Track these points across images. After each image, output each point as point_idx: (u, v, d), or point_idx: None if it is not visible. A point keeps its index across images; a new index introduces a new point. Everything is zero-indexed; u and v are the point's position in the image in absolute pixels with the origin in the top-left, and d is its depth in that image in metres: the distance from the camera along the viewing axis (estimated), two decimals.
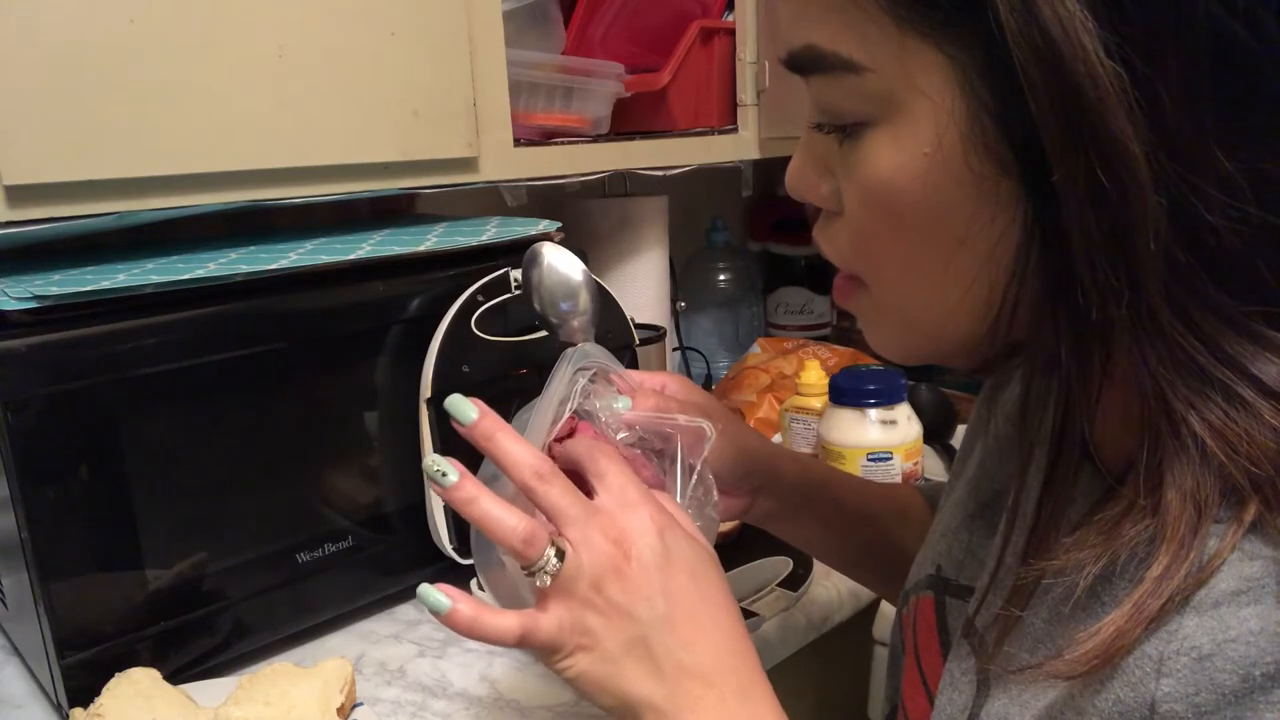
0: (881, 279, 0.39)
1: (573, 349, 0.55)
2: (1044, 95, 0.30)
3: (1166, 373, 0.32)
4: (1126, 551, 0.34)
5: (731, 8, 1.13)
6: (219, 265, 0.68)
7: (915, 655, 0.50)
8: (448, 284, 0.79)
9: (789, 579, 0.75)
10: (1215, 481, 0.32)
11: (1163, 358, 0.32)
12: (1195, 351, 0.32)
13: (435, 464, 0.44)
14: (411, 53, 0.79)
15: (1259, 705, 0.29)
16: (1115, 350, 0.32)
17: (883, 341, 0.42)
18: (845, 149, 0.37)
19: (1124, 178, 0.30)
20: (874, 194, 0.36)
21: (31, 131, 0.61)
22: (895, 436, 0.94)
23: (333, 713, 0.62)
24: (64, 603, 0.62)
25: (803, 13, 0.36)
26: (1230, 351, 0.32)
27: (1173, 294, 0.31)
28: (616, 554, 0.43)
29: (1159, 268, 0.31)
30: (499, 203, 1.01)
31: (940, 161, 0.34)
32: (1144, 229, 0.30)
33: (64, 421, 0.61)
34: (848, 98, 0.35)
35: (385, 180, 0.80)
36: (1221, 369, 0.32)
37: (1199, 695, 0.30)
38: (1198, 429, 0.32)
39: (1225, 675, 0.30)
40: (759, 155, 1.16)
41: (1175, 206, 0.31)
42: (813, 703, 0.91)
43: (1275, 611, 0.30)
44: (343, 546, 0.76)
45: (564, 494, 0.45)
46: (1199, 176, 0.30)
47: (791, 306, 1.55)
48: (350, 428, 0.77)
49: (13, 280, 0.63)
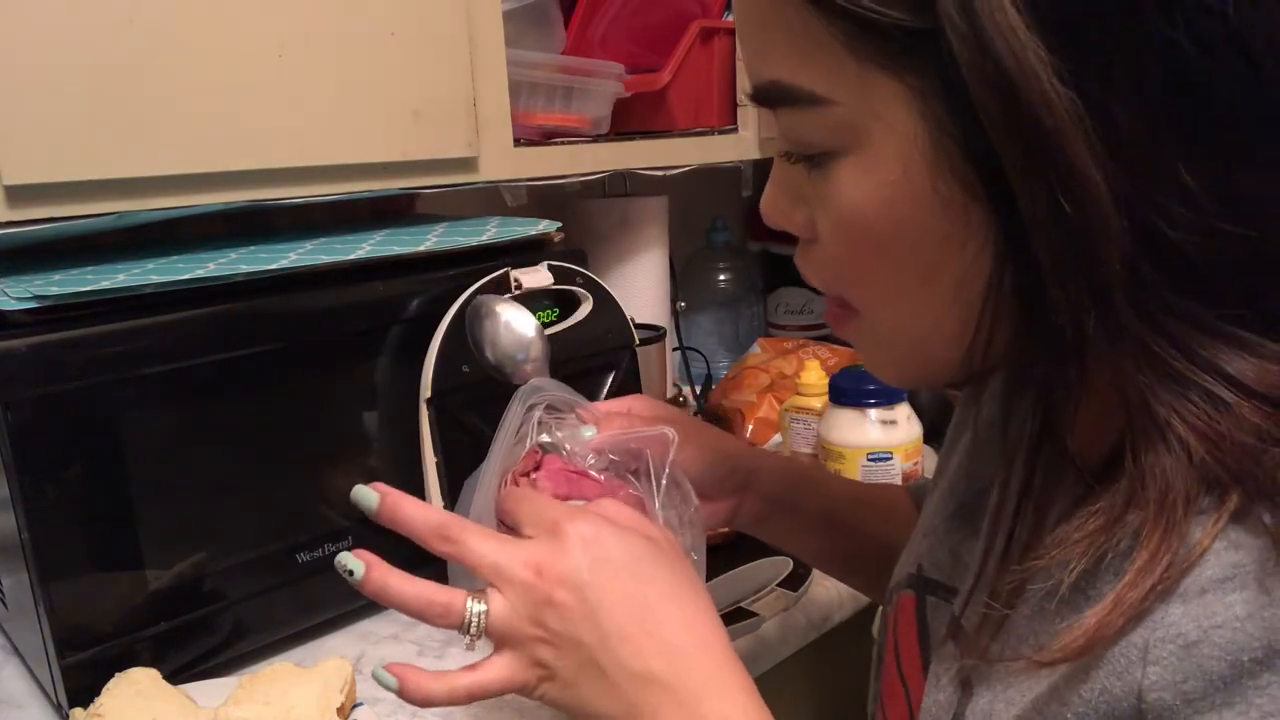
0: (865, 304, 0.40)
1: (525, 386, 0.55)
2: (1000, 123, 0.30)
3: (1146, 380, 0.32)
4: (1111, 548, 0.34)
5: (731, 8, 1.13)
6: (219, 265, 0.68)
7: (895, 653, 0.50)
8: (448, 284, 0.79)
9: (789, 579, 0.75)
10: (1198, 477, 0.32)
11: (1141, 367, 0.32)
12: (1172, 358, 0.32)
13: (343, 562, 0.45)
14: (411, 53, 0.79)
15: (1248, 691, 0.29)
16: (1091, 364, 0.33)
17: (877, 365, 0.43)
18: (815, 178, 0.37)
19: (1085, 201, 0.30)
20: (846, 222, 0.37)
21: (31, 131, 0.61)
22: (895, 437, 0.94)
23: (333, 713, 0.62)
24: (64, 603, 0.62)
25: (765, 49, 0.36)
26: (1206, 355, 0.32)
27: (1144, 307, 0.32)
28: (542, 584, 0.43)
29: (1128, 284, 0.31)
30: (499, 203, 1.01)
31: (907, 189, 0.34)
32: (1109, 249, 0.31)
33: (64, 421, 0.61)
34: (814, 129, 0.36)
35: (385, 180, 0.80)
36: (1199, 373, 0.32)
37: (1187, 683, 0.30)
38: (1181, 431, 0.32)
39: (1213, 662, 0.30)
40: (759, 155, 1.16)
41: (1139, 225, 0.31)
42: (813, 703, 0.91)
43: (1261, 596, 0.30)
44: (343, 546, 0.76)
45: (477, 543, 0.45)
46: (1161, 195, 0.31)
47: (791, 306, 1.55)
48: (350, 428, 0.77)
49: (13, 280, 0.63)
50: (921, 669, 0.47)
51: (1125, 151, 0.30)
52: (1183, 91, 0.30)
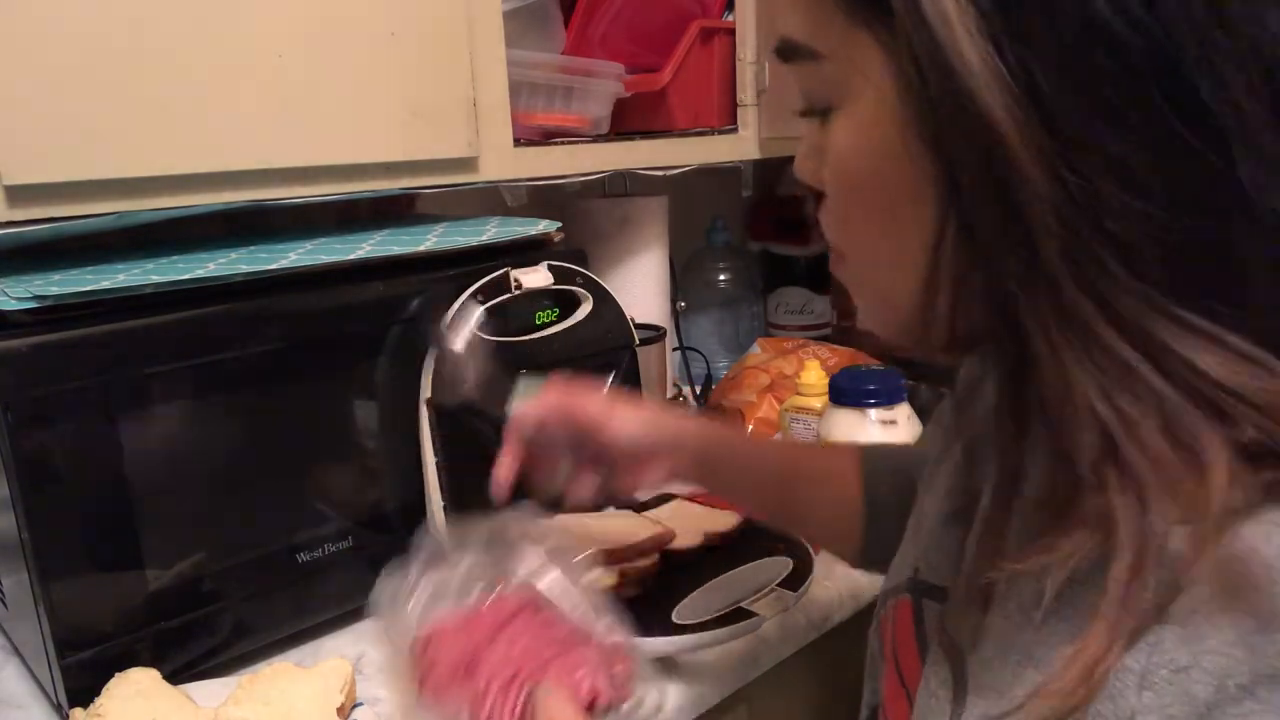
0: (847, 250, 0.42)
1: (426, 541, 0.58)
2: (930, 76, 0.32)
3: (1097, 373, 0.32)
4: (1082, 554, 0.33)
5: (731, 8, 1.13)
6: (219, 265, 0.68)
7: (895, 659, 0.50)
8: (448, 284, 0.79)
9: (789, 579, 0.75)
10: (1162, 481, 0.31)
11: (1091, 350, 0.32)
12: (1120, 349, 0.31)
13: None
14: (411, 53, 0.79)
15: (1228, 717, 0.29)
16: (1033, 339, 0.33)
17: (862, 313, 0.44)
18: (824, 132, 0.39)
19: (1004, 157, 0.31)
20: (834, 171, 0.39)
21: (31, 131, 0.62)
22: (895, 436, 0.94)
23: (333, 713, 0.62)
24: (64, 603, 0.62)
25: (781, 6, 0.39)
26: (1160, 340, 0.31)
27: (1088, 283, 0.31)
28: None
29: (1064, 256, 0.31)
30: (499, 203, 1.01)
31: (881, 142, 0.36)
32: (1034, 214, 0.31)
33: (64, 421, 0.61)
34: (816, 84, 0.38)
35: (385, 180, 0.80)
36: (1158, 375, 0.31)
37: (1173, 707, 0.30)
38: (1146, 439, 0.31)
39: (1200, 687, 0.29)
40: (759, 155, 1.16)
41: (1065, 188, 0.31)
42: (813, 703, 0.91)
43: (1248, 620, 0.29)
44: (343, 546, 0.76)
45: None
46: (1086, 156, 0.31)
47: (791, 306, 1.55)
48: (350, 428, 0.77)
49: (13, 280, 0.63)
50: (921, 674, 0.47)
51: (1047, 112, 0.31)
52: (1101, 54, 0.30)
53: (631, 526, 0.79)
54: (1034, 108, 0.30)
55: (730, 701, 0.73)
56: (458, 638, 0.54)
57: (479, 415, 0.63)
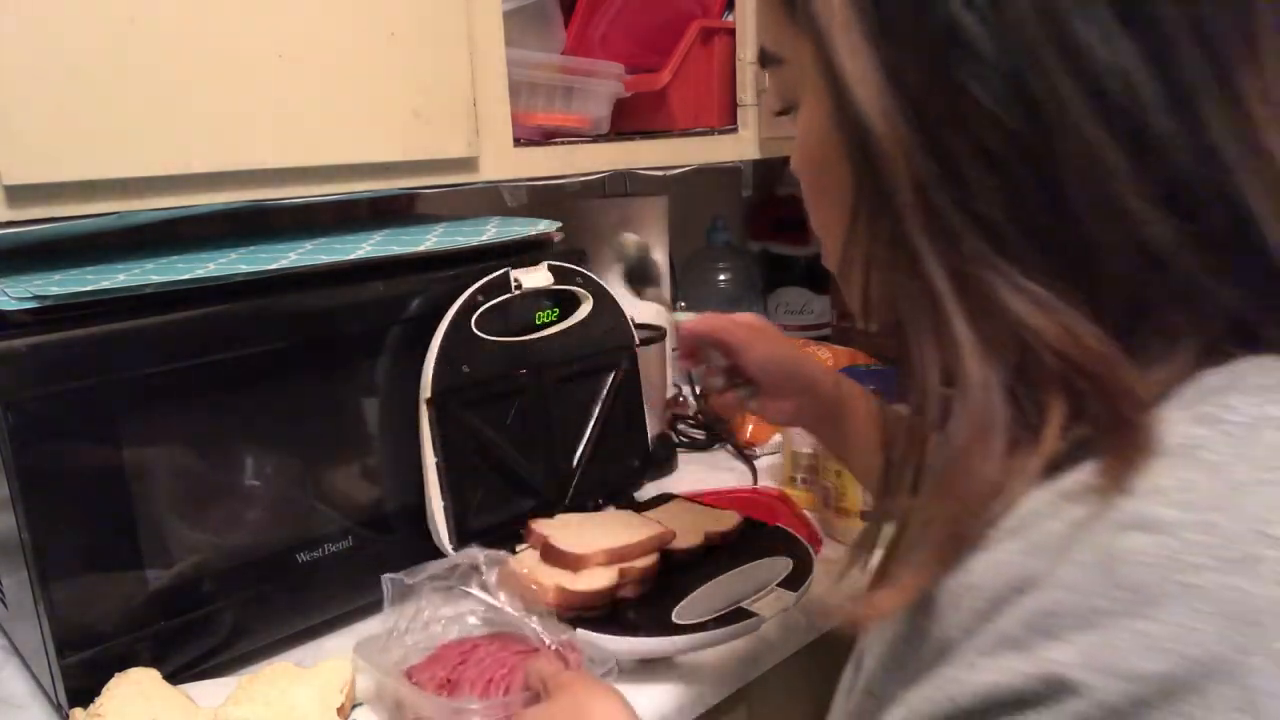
0: (819, 235, 0.45)
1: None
2: (821, 70, 0.36)
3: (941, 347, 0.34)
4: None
5: (731, 8, 1.13)
6: (219, 265, 0.68)
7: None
8: (448, 284, 0.79)
9: (789, 579, 0.75)
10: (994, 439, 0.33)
11: (942, 335, 0.34)
12: (963, 323, 0.34)
13: None
14: (411, 53, 0.79)
15: (986, 628, 0.31)
16: (901, 311, 0.36)
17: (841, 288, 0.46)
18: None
19: (874, 143, 0.34)
20: (794, 162, 0.44)
21: (31, 131, 0.61)
22: None
23: (333, 713, 0.62)
24: (64, 603, 0.62)
25: (759, 17, 0.45)
26: (1000, 300, 0.33)
27: (939, 239, 0.34)
28: None
29: (925, 229, 0.34)
30: (499, 203, 1.01)
31: (820, 134, 0.39)
32: (901, 196, 0.34)
33: (64, 421, 0.61)
34: (782, 86, 0.43)
35: (385, 180, 0.80)
36: (995, 344, 0.33)
37: (965, 623, 0.32)
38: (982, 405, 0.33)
39: (979, 601, 0.31)
40: (759, 155, 1.16)
41: (928, 172, 0.33)
42: (813, 702, 0.91)
43: (1022, 543, 0.31)
44: (342, 546, 0.76)
45: None
46: (950, 143, 0.33)
47: (791, 306, 1.55)
48: (350, 428, 0.77)
49: (13, 280, 0.63)
50: None
51: (914, 103, 0.34)
52: (958, 52, 0.33)
53: (631, 526, 0.79)
54: (901, 99, 0.34)
55: (730, 701, 0.73)
56: (432, 668, 0.65)
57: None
